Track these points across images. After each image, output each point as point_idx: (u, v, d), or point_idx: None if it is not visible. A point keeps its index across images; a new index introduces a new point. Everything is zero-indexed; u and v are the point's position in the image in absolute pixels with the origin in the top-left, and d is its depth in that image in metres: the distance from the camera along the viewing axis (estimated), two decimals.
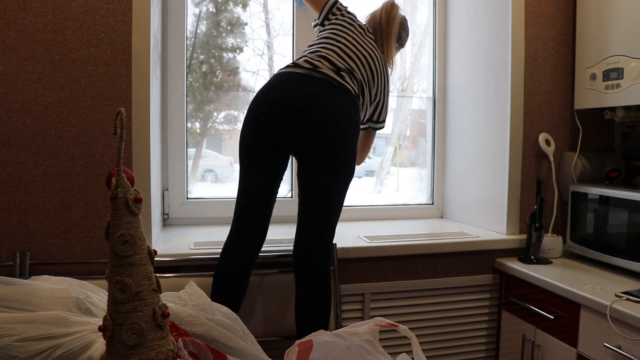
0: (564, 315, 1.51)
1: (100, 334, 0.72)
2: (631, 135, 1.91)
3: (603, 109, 1.82)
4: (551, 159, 1.85)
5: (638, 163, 1.88)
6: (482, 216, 2.01)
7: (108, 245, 0.71)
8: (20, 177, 1.44)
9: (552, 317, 1.54)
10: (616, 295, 1.37)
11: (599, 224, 1.68)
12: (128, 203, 0.71)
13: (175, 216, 1.95)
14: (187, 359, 0.74)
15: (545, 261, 1.76)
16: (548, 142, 1.86)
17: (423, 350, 0.81)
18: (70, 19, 1.45)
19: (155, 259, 0.75)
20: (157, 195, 1.73)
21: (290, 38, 2.09)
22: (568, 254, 1.85)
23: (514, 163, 1.84)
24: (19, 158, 1.44)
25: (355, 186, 2.31)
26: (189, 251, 1.55)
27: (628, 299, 1.34)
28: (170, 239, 1.71)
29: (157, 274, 0.75)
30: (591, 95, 1.75)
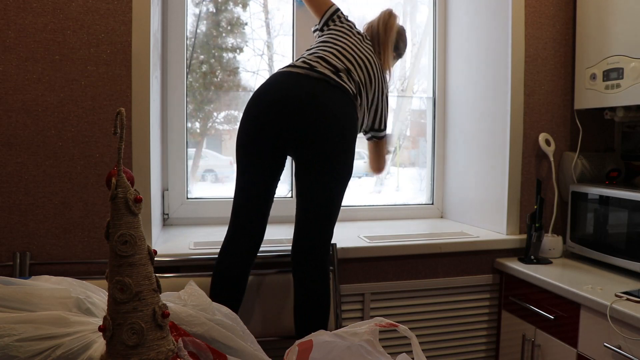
0: (564, 315, 1.51)
1: (100, 334, 0.72)
2: (631, 135, 1.91)
3: (603, 109, 1.82)
4: (551, 159, 1.85)
5: (638, 163, 1.88)
6: (482, 216, 2.01)
7: (108, 245, 0.71)
8: (20, 177, 1.44)
9: (552, 317, 1.54)
10: (616, 295, 1.37)
11: (599, 224, 1.68)
12: (128, 203, 0.71)
13: (175, 216, 1.95)
14: (187, 359, 0.74)
15: (545, 261, 1.76)
16: (548, 142, 1.86)
17: (423, 350, 0.81)
18: (70, 19, 1.45)
19: (155, 259, 0.75)
20: (157, 195, 1.73)
21: (290, 38, 2.09)
22: (568, 254, 1.85)
23: (514, 163, 1.84)
24: (19, 158, 1.44)
25: (355, 186, 2.31)
26: (189, 251, 1.55)
27: (628, 299, 1.34)
28: (170, 239, 1.71)
29: (157, 274, 0.75)
30: (591, 95, 1.75)
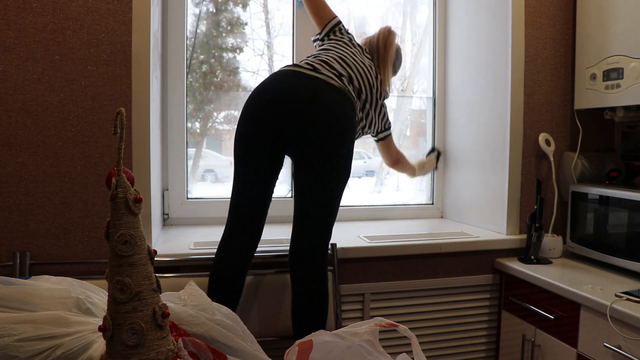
0: (564, 315, 1.51)
1: (100, 334, 0.72)
2: (631, 135, 1.91)
3: (603, 109, 1.82)
4: (551, 159, 1.85)
5: (638, 163, 1.88)
6: (482, 216, 2.01)
7: (108, 245, 0.71)
8: (20, 177, 1.44)
9: (552, 317, 1.54)
10: (616, 295, 1.37)
11: (599, 224, 1.68)
12: (128, 203, 0.71)
13: (175, 216, 1.95)
14: (187, 359, 0.74)
15: (545, 261, 1.76)
16: (548, 142, 1.86)
17: (423, 350, 0.81)
18: (70, 19, 1.45)
19: (155, 259, 0.75)
20: (157, 195, 1.73)
21: (290, 38, 2.09)
22: (568, 254, 1.85)
23: (514, 163, 1.84)
24: (19, 158, 1.44)
25: (355, 186, 2.31)
26: (189, 251, 1.55)
27: (628, 299, 1.34)
28: (170, 239, 1.71)
29: (157, 274, 0.75)
30: (591, 95, 1.75)
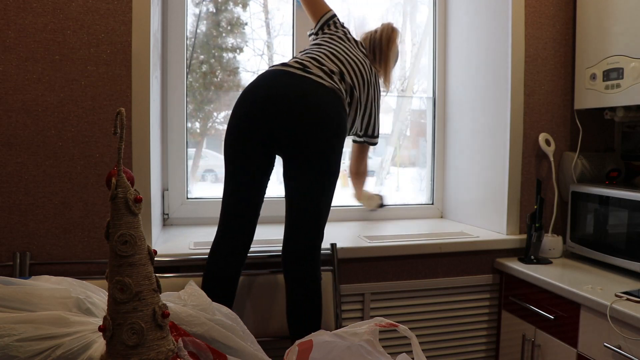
0: (564, 315, 1.51)
1: (100, 334, 0.72)
2: (631, 135, 1.91)
3: (603, 109, 1.82)
4: (551, 159, 1.85)
5: (638, 163, 1.88)
6: (482, 216, 2.01)
7: (108, 245, 0.71)
8: (20, 177, 1.44)
9: (552, 317, 1.54)
10: (616, 295, 1.37)
11: (599, 224, 1.68)
12: (128, 203, 0.71)
13: (175, 216, 1.95)
14: (187, 359, 0.74)
15: (545, 261, 1.76)
16: (548, 142, 1.86)
17: (423, 350, 0.81)
18: (70, 19, 1.45)
19: (155, 259, 0.75)
20: (157, 195, 1.73)
21: (290, 38, 2.09)
22: (568, 254, 1.85)
23: (514, 163, 1.84)
24: (19, 158, 1.44)
25: None
26: (189, 251, 1.55)
27: (628, 299, 1.34)
28: (170, 239, 1.71)
29: (157, 274, 0.75)
30: (591, 95, 1.75)
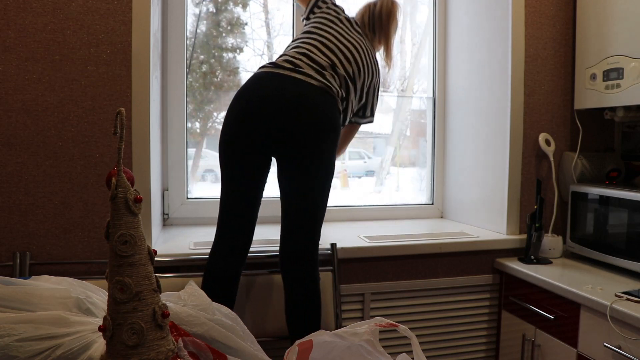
0: (564, 315, 1.51)
1: (100, 334, 0.72)
2: (631, 135, 1.91)
3: (603, 109, 1.82)
4: (551, 159, 1.85)
5: (638, 163, 1.88)
6: (482, 216, 2.01)
7: (108, 245, 0.71)
8: (20, 177, 1.44)
9: (552, 317, 1.54)
10: (616, 295, 1.37)
11: (599, 224, 1.68)
12: (128, 203, 0.71)
13: (175, 216, 1.95)
14: (187, 359, 0.74)
15: (545, 261, 1.76)
16: (548, 142, 1.86)
17: (423, 350, 0.81)
18: (70, 19, 1.45)
19: (155, 259, 0.75)
20: (157, 195, 1.73)
21: (290, 38, 2.09)
22: (568, 254, 1.85)
23: (514, 163, 1.84)
24: (19, 158, 1.44)
25: (355, 186, 2.31)
26: (189, 251, 1.55)
27: (628, 299, 1.34)
28: (170, 239, 1.71)
29: (157, 274, 0.75)
30: (591, 95, 1.75)
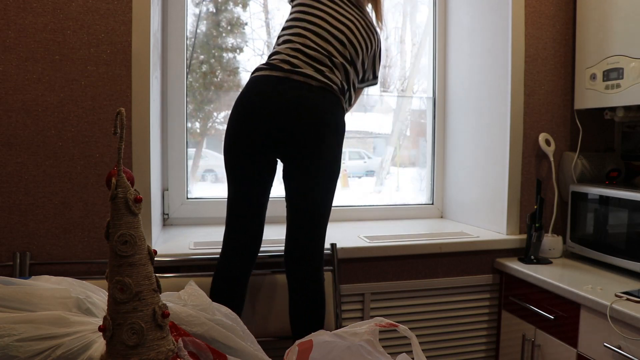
0: (564, 315, 1.51)
1: (100, 334, 0.72)
2: (631, 135, 1.91)
3: (603, 109, 1.82)
4: (551, 159, 1.85)
5: (638, 163, 1.88)
6: (482, 216, 2.01)
7: (108, 245, 0.71)
8: (20, 177, 1.44)
9: (552, 317, 1.54)
10: (616, 295, 1.37)
11: (599, 224, 1.68)
12: (128, 203, 0.71)
13: (175, 216, 1.95)
14: (187, 359, 0.74)
15: (545, 261, 1.76)
16: (548, 142, 1.86)
17: (423, 350, 0.81)
18: (70, 19, 1.45)
19: (155, 259, 0.75)
20: (157, 195, 1.73)
21: None
22: (568, 254, 1.85)
23: (514, 163, 1.84)
24: (19, 158, 1.44)
25: (355, 186, 2.31)
26: (189, 251, 1.55)
27: (628, 299, 1.34)
28: (170, 239, 1.71)
29: (157, 274, 0.75)
30: (591, 95, 1.75)
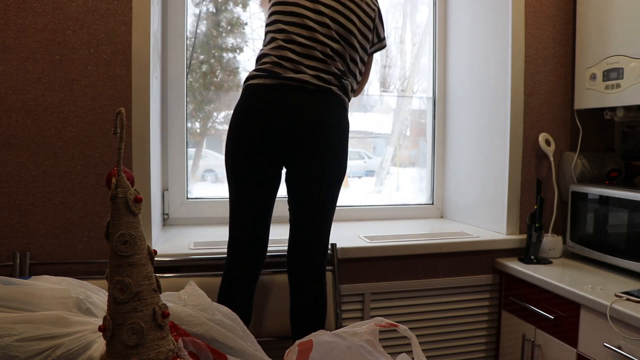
0: (564, 315, 1.51)
1: (100, 334, 0.72)
2: (631, 135, 1.91)
3: (603, 109, 1.82)
4: (551, 159, 1.85)
5: (638, 163, 1.88)
6: (482, 216, 2.01)
7: (108, 245, 0.71)
8: (20, 177, 1.44)
9: (552, 317, 1.54)
10: (616, 295, 1.37)
11: (599, 224, 1.68)
12: (128, 203, 0.71)
13: (175, 216, 1.95)
14: (187, 359, 0.74)
15: (545, 261, 1.76)
16: (548, 142, 1.86)
17: (423, 350, 0.81)
18: (70, 19, 1.45)
19: (155, 259, 0.75)
20: (157, 195, 1.73)
21: None
22: (568, 254, 1.85)
23: (514, 163, 1.84)
24: (19, 158, 1.44)
25: (355, 186, 2.31)
26: (189, 251, 1.55)
27: (628, 299, 1.34)
28: (170, 239, 1.71)
29: (157, 274, 0.75)
30: (591, 95, 1.75)
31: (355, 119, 2.26)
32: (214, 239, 1.69)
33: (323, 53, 1.30)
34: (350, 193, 2.27)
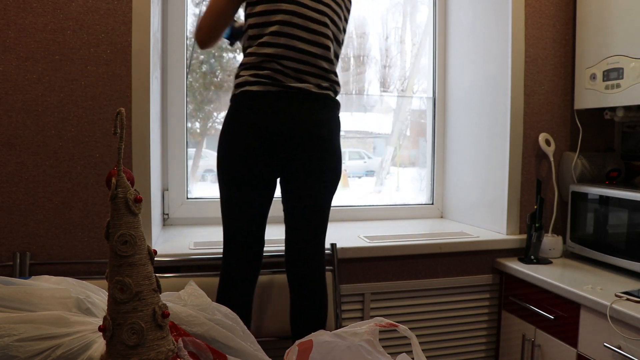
0: (564, 315, 1.51)
1: (100, 334, 0.72)
2: (631, 135, 1.91)
3: (603, 109, 1.82)
4: (551, 159, 1.85)
5: (638, 163, 1.88)
6: (482, 216, 2.01)
7: (108, 245, 0.71)
8: (20, 177, 1.44)
9: (552, 317, 1.54)
10: (616, 295, 1.37)
11: (599, 224, 1.68)
12: (128, 203, 0.71)
13: (175, 216, 1.95)
14: (187, 359, 0.74)
15: (545, 261, 1.76)
16: (548, 142, 1.86)
17: (423, 350, 0.81)
18: (70, 19, 1.45)
19: (155, 259, 0.75)
20: (157, 195, 1.73)
21: None
22: (568, 254, 1.85)
23: (514, 163, 1.84)
24: (19, 158, 1.44)
25: (355, 186, 2.31)
26: (189, 251, 1.55)
27: (628, 299, 1.34)
28: (170, 239, 1.71)
29: (157, 274, 0.75)
30: (591, 95, 1.75)
31: (355, 119, 2.26)
32: (214, 239, 1.69)
33: (324, 58, 1.30)
34: (350, 193, 2.27)
